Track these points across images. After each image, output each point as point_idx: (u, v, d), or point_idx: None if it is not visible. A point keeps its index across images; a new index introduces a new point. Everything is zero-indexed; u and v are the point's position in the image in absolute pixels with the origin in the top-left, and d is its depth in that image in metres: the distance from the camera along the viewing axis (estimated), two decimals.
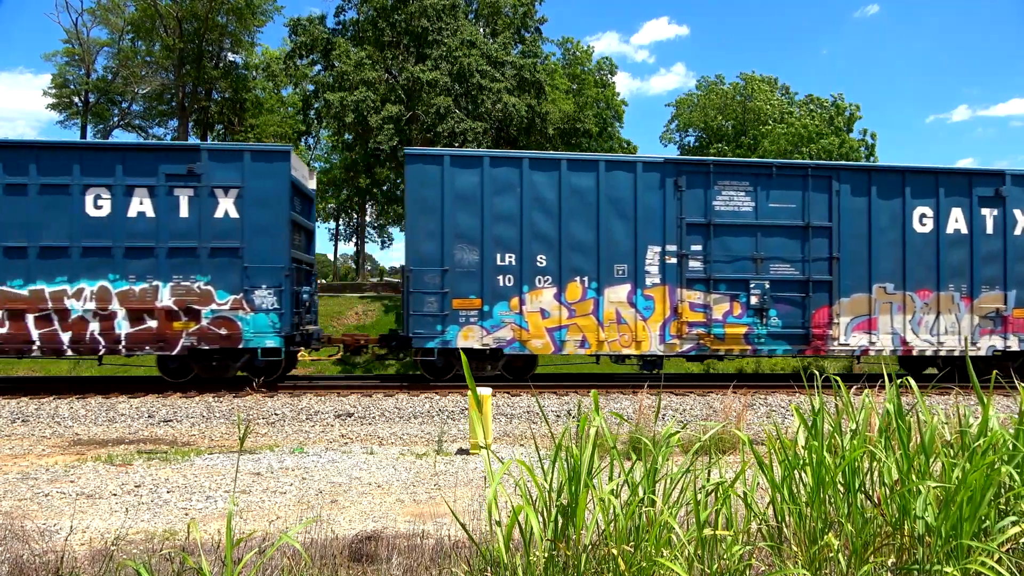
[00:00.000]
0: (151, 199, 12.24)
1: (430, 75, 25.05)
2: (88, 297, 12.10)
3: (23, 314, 11.99)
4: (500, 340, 12.88)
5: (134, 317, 12.21)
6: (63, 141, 12.59)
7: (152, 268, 12.23)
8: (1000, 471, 3.29)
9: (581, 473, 3.11)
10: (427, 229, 12.75)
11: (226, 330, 12.35)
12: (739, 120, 43.85)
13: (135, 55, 38.32)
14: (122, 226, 12.16)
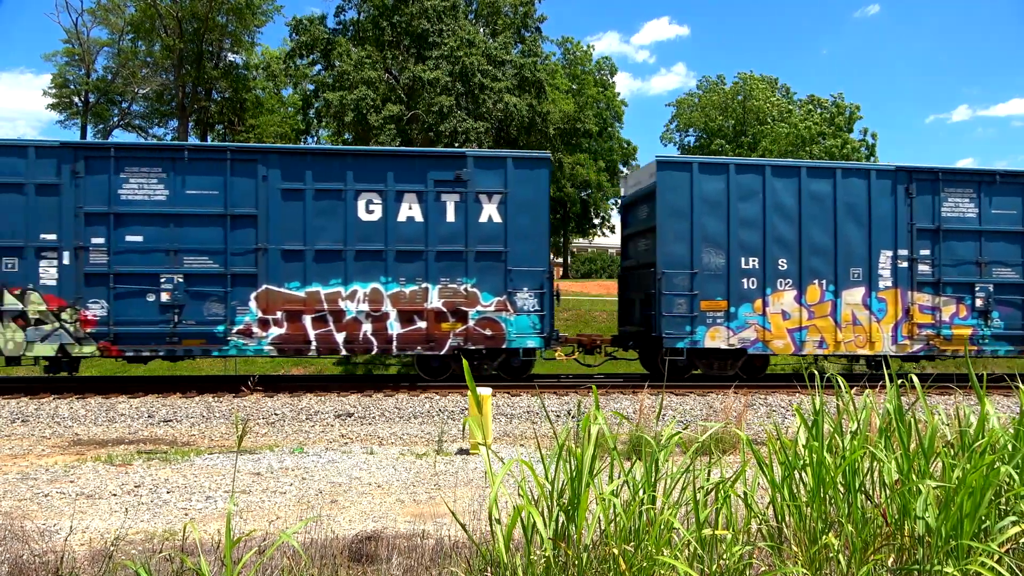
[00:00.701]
0: (420, 204, 12.74)
1: (431, 74, 25.06)
2: (361, 299, 12.60)
3: (300, 315, 12.47)
4: (744, 340, 13.33)
5: (405, 318, 12.69)
6: (338, 148, 13.23)
7: (421, 271, 12.71)
8: (1000, 471, 3.29)
9: (583, 473, 3.10)
10: (676, 232, 13.15)
11: (491, 331, 12.84)
12: (739, 120, 43.85)
13: (135, 55, 38.33)
14: (392, 230, 12.65)
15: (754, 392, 12.53)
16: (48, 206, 11.90)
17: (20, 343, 11.91)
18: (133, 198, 12.12)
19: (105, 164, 12.08)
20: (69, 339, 11.99)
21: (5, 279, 11.85)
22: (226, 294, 12.26)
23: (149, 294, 12.12)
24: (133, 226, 12.12)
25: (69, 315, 11.97)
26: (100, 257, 12.04)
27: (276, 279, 12.38)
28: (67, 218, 11.94)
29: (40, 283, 11.92)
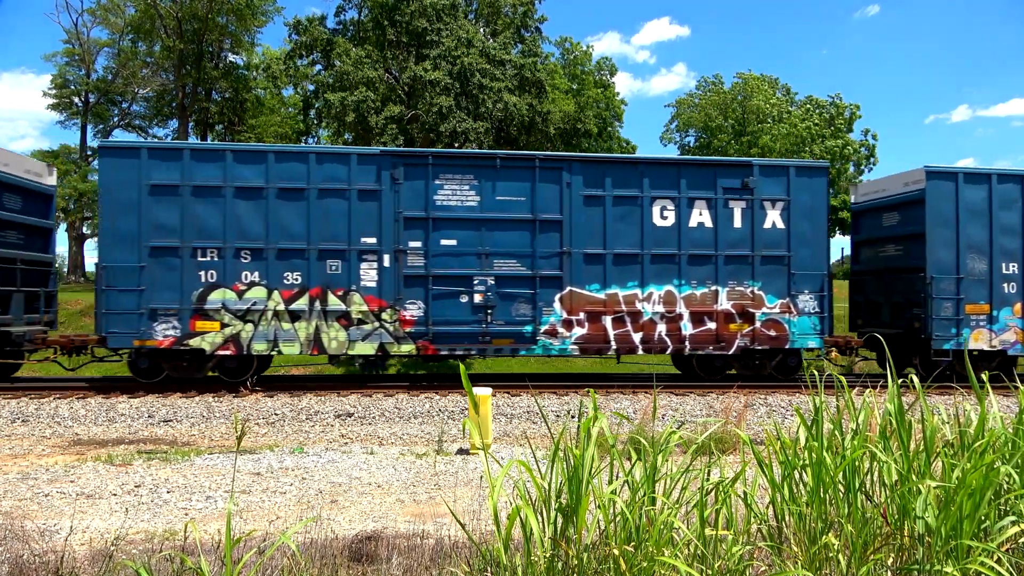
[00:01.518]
0: (709, 211, 13.39)
1: (432, 74, 25.06)
2: (656, 300, 13.24)
3: (601, 316, 13.12)
4: (1005, 343, 13.90)
5: (696, 319, 13.30)
6: (634, 157, 13.81)
7: (711, 274, 13.34)
8: (999, 471, 3.29)
9: (582, 473, 3.10)
10: (944, 239, 13.65)
11: (775, 332, 13.47)
12: (739, 119, 43.85)
13: (135, 55, 38.33)
14: (685, 235, 13.29)
15: (754, 392, 12.54)
16: (369, 211, 12.62)
17: (343, 342, 12.58)
18: (447, 203, 12.83)
19: (422, 171, 12.80)
20: (389, 338, 12.69)
21: (329, 280, 12.53)
22: (533, 295, 12.98)
23: (462, 295, 12.82)
24: (447, 230, 12.83)
25: (389, 315, 12.66)
26: (417, 260, 12.76)
27: (579, 281, 13.09)
28: (387, 222, 12.66)
29: (361, 284, 12.61)
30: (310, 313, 12.43)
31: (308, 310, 12.43)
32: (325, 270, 12.49)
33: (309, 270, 12.44)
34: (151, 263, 12.13)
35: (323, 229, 12.46)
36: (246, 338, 12.34)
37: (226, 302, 12.29)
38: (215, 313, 12.25)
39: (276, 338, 12.36)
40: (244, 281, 12.33)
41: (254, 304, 12.34)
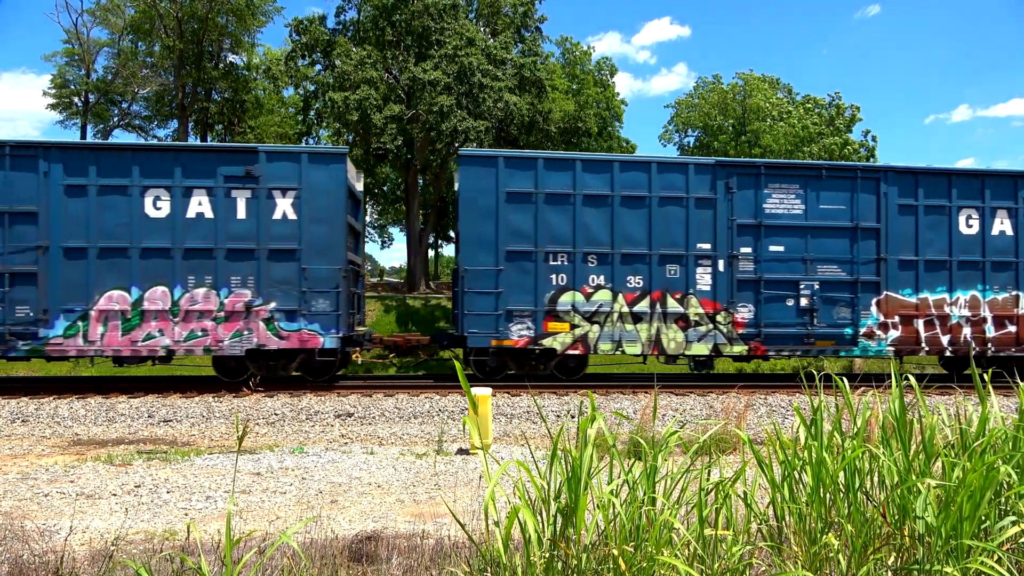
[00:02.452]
0: (1010, 220, 14.16)
1: (431, 74, 25.04)
2: (962, 305, 14.00)
3: (913, 319, 13.91)
4: None
5: (997, 323, 14.03)
6: (943, 168, 14.39)
7: (1011, 280, 14.07)
8: (999, 470, 3.28)
9: (581, 473, 3.10)
10: None
11: None
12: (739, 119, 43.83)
13: (135, 56, 38.31)
14: (988, 242, 14.04)
15: (754, 392, 12.53)
16: (704, 218, 13.41)
17: (680, 343, 13.41)
18: (775, 211, 13.63)
19: (753, 181, 13.56)
20: (722, 339, 13.48)
21: (668, 284, 13.35)
22: (852, 299, 13.72)
23: (788, 299, 13.61)
24: (775, 237, 13.63)
25: (723, 318, 13.46)
26: (748, 265, 13.55)
27: (894, 286, 13.88)
28: (721, 229, 13.45)
29: (697, 288, 13.42)
30: (651, 315, 13.29)
31: (649, 312, 13.28)
32: (664, 274, 13.34)
33: (650, 274, 13.28)
34: (508, 267, 13.02)
35: (662, 235, 13.32)
36: (593, 338, 13.20)
37: (575, 304, 13.12)
38: (565, 315, 13.11)
39: (620, 339, 13.24)
40: (591, 284, 13.19)
41: (600, 306, 13.20)
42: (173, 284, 12.31)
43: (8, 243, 11.98)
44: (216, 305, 12.38)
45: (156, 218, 12.29)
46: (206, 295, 12.35)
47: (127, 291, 12.19)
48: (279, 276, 12.52)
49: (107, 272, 12.15)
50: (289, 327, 12.52)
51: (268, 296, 12.46)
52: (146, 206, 12.26)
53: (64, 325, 12.10)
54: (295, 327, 12.54)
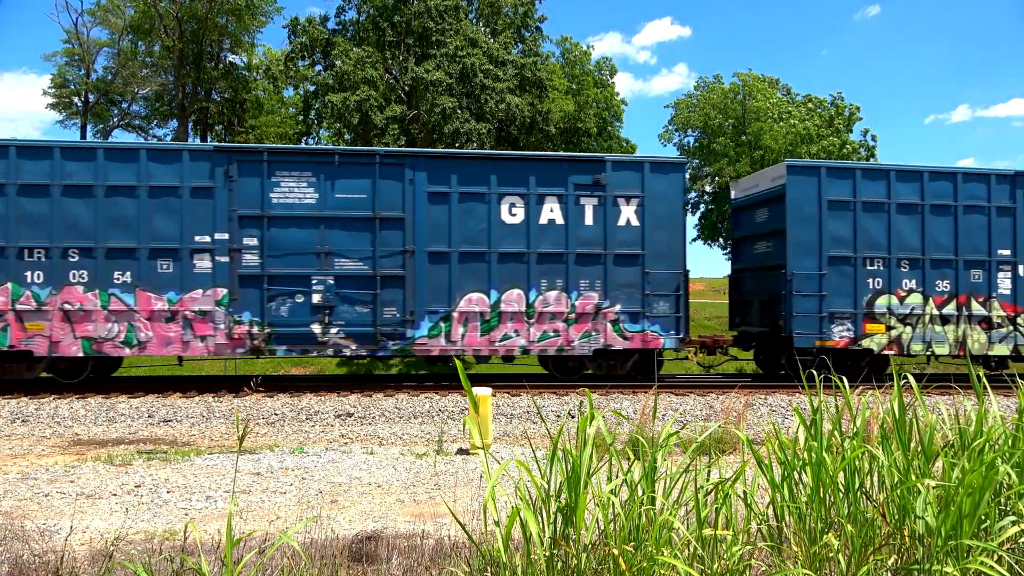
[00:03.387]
0: None
1: (433, 75, 25.03)
2: None
3: None
4: None
5: None
6: None
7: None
8: (999, 470, 3.29)
9: (581, 473, 3.10)
10: None
11: None
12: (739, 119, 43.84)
13: (135, 56, 38.31)
14: None
15: (754, 392, 12.53)
16: (1003, 226, 14.07)
17: (983, 344, 14.00)
18: None
19: None
20: (1022, 340, 14.06)
21: (971, 288, 13.98)
22: None
23: None
24: None
25: (1023, 320, 14.07)
26: None
27: None
28: (1020, 236, 14.14)
29: (998, 292, 14.07)
30: (957, 318, 13.91)
31: (956, 315, 13.91)
32: (969, 279, 13.97)
33: (956, 279, 13.91)
34: (829, 271, 13.57)
35: (966, 242, 13.93)
36: (906, 339, 13.81)
37: (891, 307, 13.74)
38: (880, 316, 13.71)
39: (930, 340, 13.84)
40: (904, 288, 13.83)
41: (912, 309, 13.82)
42: (527, 287, 13.05)
43: (379, 247, 12.72)
44: (567, 307, 13.11)
45: (511, 224, 13.07)
46: (557, 297, 13.11)
47: (486, 294, 12.97)
48: (623, 279, 13.26)
49: (467, 275, 12.93)
50: (632, 328, 13.28)
51: (613, 299, 13.23)
52: (502, 212, 13.04)
53: (428, 326, 12.87)
54: (638, 328, 13.29)
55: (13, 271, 11.93)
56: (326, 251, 12.55)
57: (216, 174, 12.36)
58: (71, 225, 12.03)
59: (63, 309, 12.00)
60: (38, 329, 11.95)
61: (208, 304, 12.29)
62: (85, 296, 12.06)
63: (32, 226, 11.99)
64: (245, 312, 12.40)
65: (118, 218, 12.12)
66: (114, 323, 12.12)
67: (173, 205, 12.27)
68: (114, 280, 12.11)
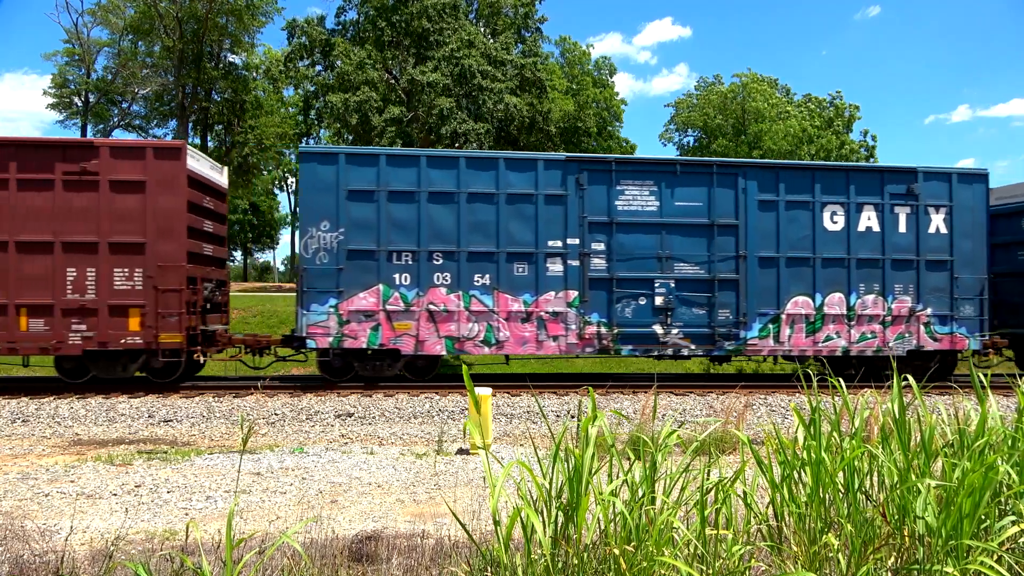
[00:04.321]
0: None
1: (430, 76, 25.04)
2: None
3: None
4: None
5: None
6: None
7: None
8: (999, 470, 3.29)
9: (582, 473, 3.10)
10: None
11: None
12: (738, 119, 43.86)
13: (135, 56, 38.32)
14: None
15: (754, 392, 12.53)
16: None
17: None
18: None
19: None
20: None
21: None
22: None
23: None
24: None
25: None
26: None
27: None
28: None
29: None
30: None
31: None
32: None
33: None
34: None
35: None
36: None
37: None
38: None
39: None
40: None
41: None
42: (848, 291, 13.63)
43: (714, 252, 13.32)
44: (884, 310, 13.70)
45: (832, 231, 13.67)
46: (875, 301, 13.70)
47: (811, 297, 13.56)
48: (933, 284, 13.88)
49: (792, 280, 13.55)
50: (941, 330, 13.87)
51: (925, 302, 13.85)
52: (824, 220, 13.66)
53: (758, 327, 13.47)
54: (946, 330, 13.89)
55: (384, 273, 12.64)
56: (667, 256, 13.25)
57: (568, 182, 13.09)
58: (435, 230, 12.76)
59: (428, 310, 12.71)
60: (405, 329, 12.69)
61: (560, 306, 13.00)
62: (448, 297, 12.78)
63: (400, 231, 12.71)
64: (593, 313, 13.11)
65: (478, 223, 12.86)
66: (474, 323, 12.82)
67: (527, 212, 12.97)
68: (474, 282, 12.83)
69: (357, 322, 12.54)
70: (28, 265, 11.89)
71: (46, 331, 11.90)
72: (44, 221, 11.93)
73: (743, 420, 8.19)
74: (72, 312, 11.92)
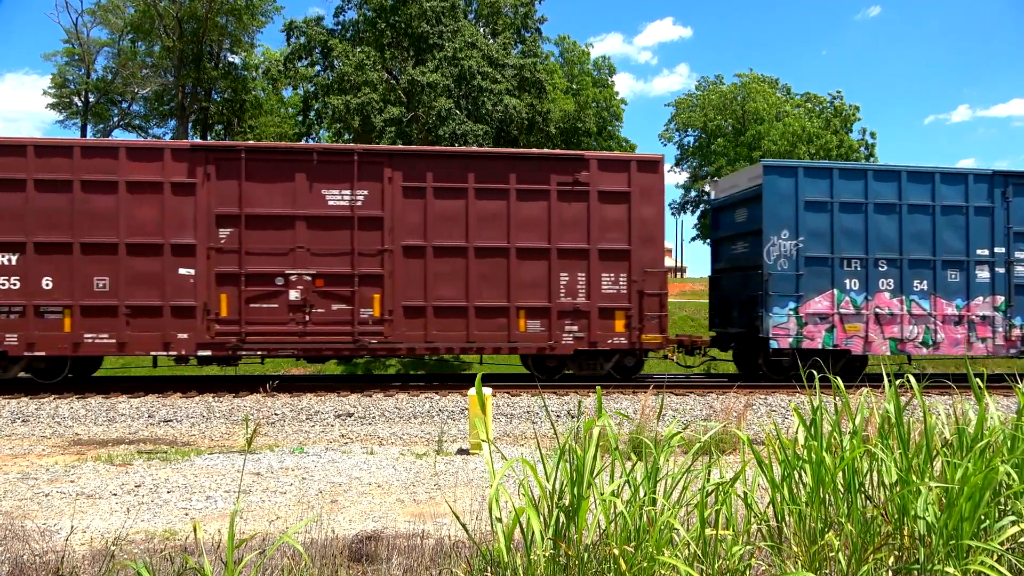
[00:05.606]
0: None
1: (429, 77, 25.03)
2: None
3: None
4: None
5: None
6: None
7: None
8: (999, 470, 3.29)
9: (584, 473, 3.10)
10: None
11: None
12: (738, 119, 43.87)
13: (135, 55, 38.32)
14: None
15: (754, 392, 12.54)
16: None
17: None
18: None
19: None
20: None
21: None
22: None
23: None
24: None
25: None
26: None
27: None
28: None
29: None
30: None
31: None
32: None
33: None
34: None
35: None
36: None
37: None
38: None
39: None
40: None
41: None
42: None
43: None
44: None
45: None
46: None
47: None
48: None
49: None
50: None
51: None
52: None
53: None
54: None
55: (836, 279, 13.56)
56: None
57: (994, 195, 13.98)
58: (879, 238, 13.65)
59: (875, 313, 13.65)
60: (855, 331, 13.66)
61: (987, 310, 13.91)
62: (891, 301, 13.75)
63: (849, 239, 13.60)
64: (1017, 317, 13.97)
65: (916, 233, 13.75)
66: (914, 326, 13.74)
67: (958, 222, 13.85)
68: (914, 287, 13.76)
69: (813, 324, 13.55)
70: (525, 270, 12.93)
71: (542, 331, 12.95)
72: (539, 229, 13.01)
73: (743, 420, 8.19)
74: (566, 314, 13.01)
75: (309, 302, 12.40)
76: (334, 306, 12.52)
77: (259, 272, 12.36)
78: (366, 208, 12.64)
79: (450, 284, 12.77)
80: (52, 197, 12.01)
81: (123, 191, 12.12)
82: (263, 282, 12.37)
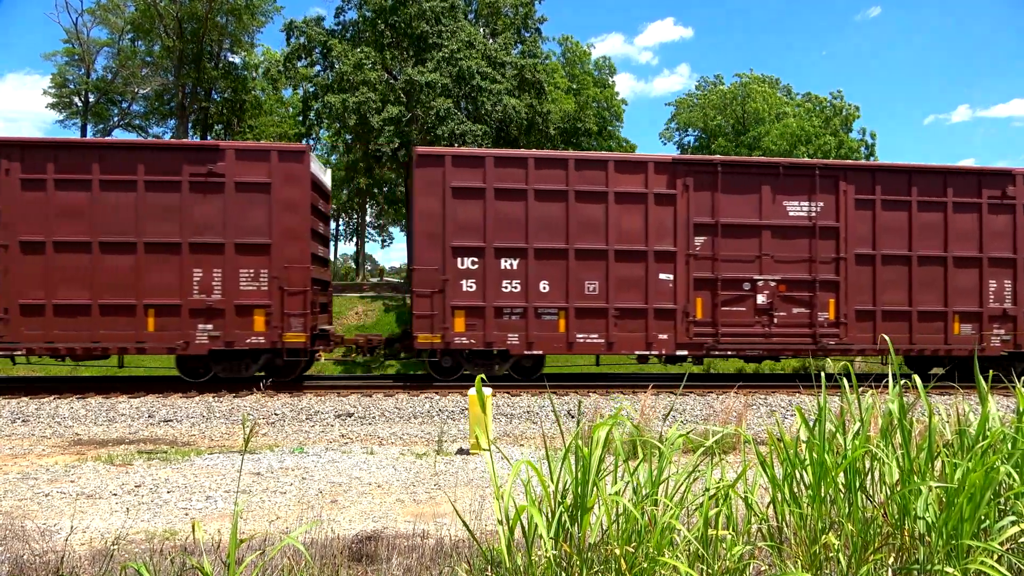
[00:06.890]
0: None
1: (428, 76, 25.03)
2: None
3: None
4: None
5: None
6: None
7: None
8: (999, 471, 3.29)
9: (590, 474, 3.10)
10: None
11: None
12: (738, 119, 43.88)
13: (135, 55, 38.31)
14: None
15: (754, 392, 12.54)
16: None
17: None
18: None
19: None
20: None
21: None
22: None
23: None
24: None
25: None
26: None
27: None
28: None
29: None
30: None
31: None
32: None
33: None
34: None
35: None
36: None
37: None
38: None
39: None
40: None
41: None
42: None
43: None
44: None
45: None
46: None
47: None
48: None
49: None
50: None
51: None
52: None
53: None
54: None
55: None
56: None
57: None
58: None
59: None
60: None
61: None
62: None
63: None
64: None
65: None
66: None
67: None
68: None
69: None
70: None
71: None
72: None
73: (744, 420, 8.19)
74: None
75: (774, 306, 13.24)
76: (794, 310, 13.33)
77: (730, 278, 13.25)
78: (823, 219, 13.48)
79: (896, 289, 13.65)
80: (548, 206, 12.97)
81: (611, 201, 13.01)
82: (733, 287, 13.26)
